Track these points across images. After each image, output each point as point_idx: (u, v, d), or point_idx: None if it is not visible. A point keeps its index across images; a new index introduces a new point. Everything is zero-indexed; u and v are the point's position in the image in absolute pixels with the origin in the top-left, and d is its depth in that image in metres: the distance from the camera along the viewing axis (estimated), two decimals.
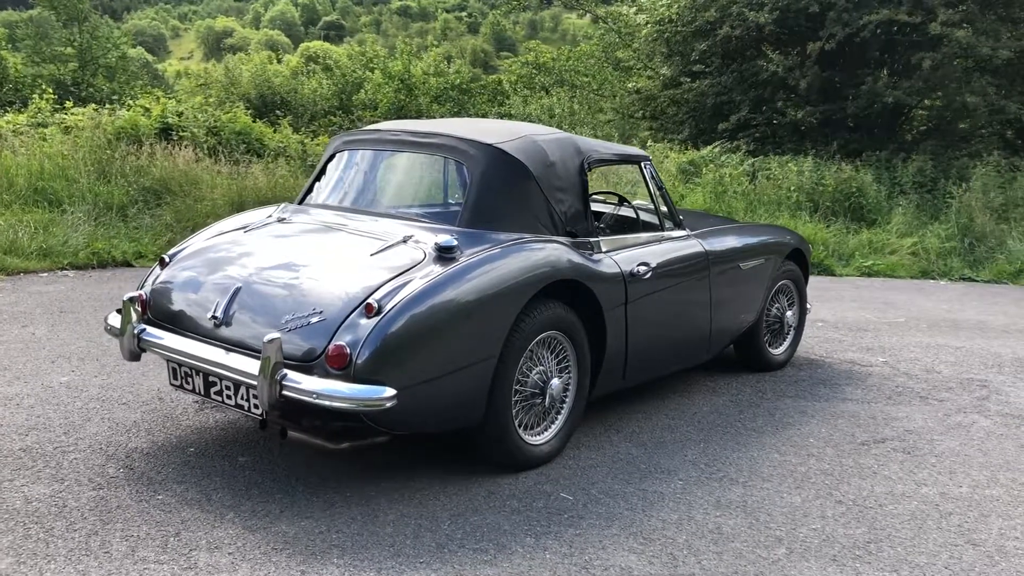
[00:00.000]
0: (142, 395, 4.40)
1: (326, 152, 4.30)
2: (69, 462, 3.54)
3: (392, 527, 3.13)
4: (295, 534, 3.04)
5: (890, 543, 3.23)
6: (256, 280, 3.45)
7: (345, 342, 3.09)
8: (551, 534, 3.15)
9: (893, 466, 4.00)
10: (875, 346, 6.39)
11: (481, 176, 3.74)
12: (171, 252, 3.90)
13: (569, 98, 22.15)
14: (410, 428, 3.32)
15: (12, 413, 4.06)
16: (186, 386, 3.48)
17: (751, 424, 4.50)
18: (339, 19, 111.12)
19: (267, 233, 3.88)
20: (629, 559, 3.00)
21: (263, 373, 3.06)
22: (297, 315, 3.22)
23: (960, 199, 11.41)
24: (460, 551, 2.99)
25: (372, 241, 3.59)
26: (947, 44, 12.12)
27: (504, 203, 3.75)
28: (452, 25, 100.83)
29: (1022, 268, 10.36)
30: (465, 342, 3.33)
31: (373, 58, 27.86)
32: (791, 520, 3.38)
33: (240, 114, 12.12)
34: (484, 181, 3.74)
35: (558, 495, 3.49)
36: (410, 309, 3.17)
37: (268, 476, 3.51)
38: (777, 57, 12.73)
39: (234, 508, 3.21)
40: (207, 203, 9.18)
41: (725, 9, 13.32)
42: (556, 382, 3.72)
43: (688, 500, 3.51)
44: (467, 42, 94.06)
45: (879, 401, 5.01)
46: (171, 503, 3.22)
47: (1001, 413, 4.89)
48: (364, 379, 3.05)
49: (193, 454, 3.70)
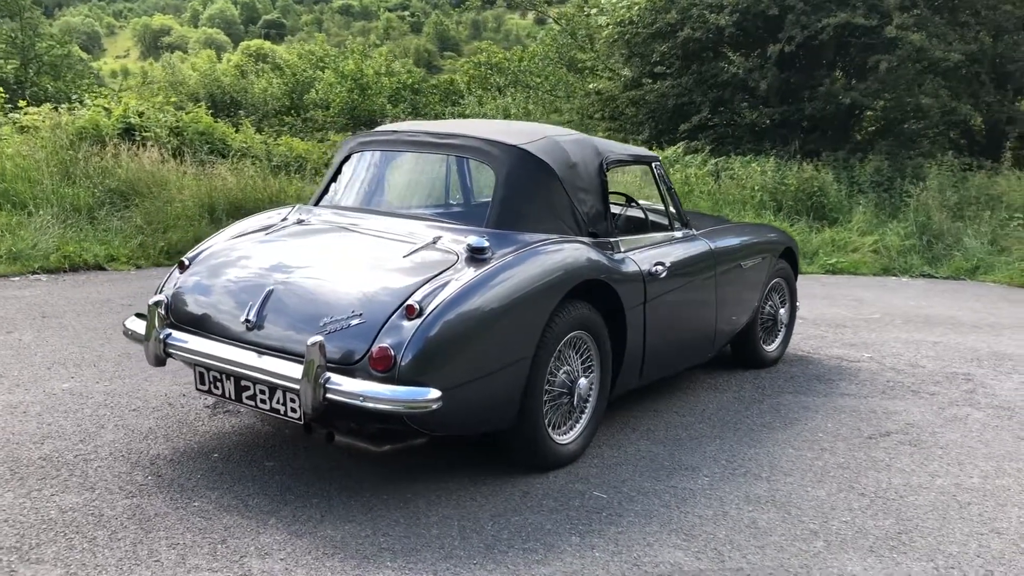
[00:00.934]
0: (150, 400, 4.32)
1: (340, 153, 4.26)
2: (94, 470, 3.45)
3: (437, 529, 3.12)
4: (342, 538, 3.01)
5: (920, 533, 3.31)
6: (288, 282, 3.41)
7: (388, 344, 3.07)
8: (594, 532, 3.17)
9: (904, 459, 4.11)
10: (858, 342, 6.53)
11: (507, 177, 3.75)
12: (190, 255, 3.83)
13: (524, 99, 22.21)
14: (450, 430, 3.31)
15: (21, 422, 3.95)
16: (214, 391, 3.42)
17: (759, 420, 4.58)
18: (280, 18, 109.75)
19: (290, 235, 3.84)
20: (676, 555, 3.04)
21: (307, 376, 3.02)
22: (336, 317, 3.19)
23: (918, 198, 11.73)
24: (510, 552, 2.99)
25: (402, 242, 3.57)
26: (901, 47, 12.44)
27: (530, 204, 3.76)
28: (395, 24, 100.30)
29: (978, 265, 10.69)
30: (502, 343, 3.33)
31: (323, 57, 27.62)
32: (821, 513, 3.44)
33: (202, 114, 11.92)
34: (510, 182, 3.74)
35: (591, 494, 3.51)
36: (451, 310, 3.16)
37: (299, 480, 3.47)
38: (738, 59, 12.92)
39: (274, 513, 3.17)
40: (177, 204, 9.02)
41: (686, 11, 13.48)
42: (583, 382, 3.74)
43: (718, 496, 3.56)
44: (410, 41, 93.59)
45: (874, 396, 5.13)
46: (209, 510, 3.17)
47: (991, 405, 5.04)
48: (408, 381, 3.04)
49: (218, 460, 3.64)
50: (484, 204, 3.87)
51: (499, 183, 3.75)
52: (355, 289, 3.32)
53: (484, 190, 4.14)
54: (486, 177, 3.97)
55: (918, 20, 12.39)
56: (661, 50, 13.93)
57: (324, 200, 4.18)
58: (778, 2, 12.81)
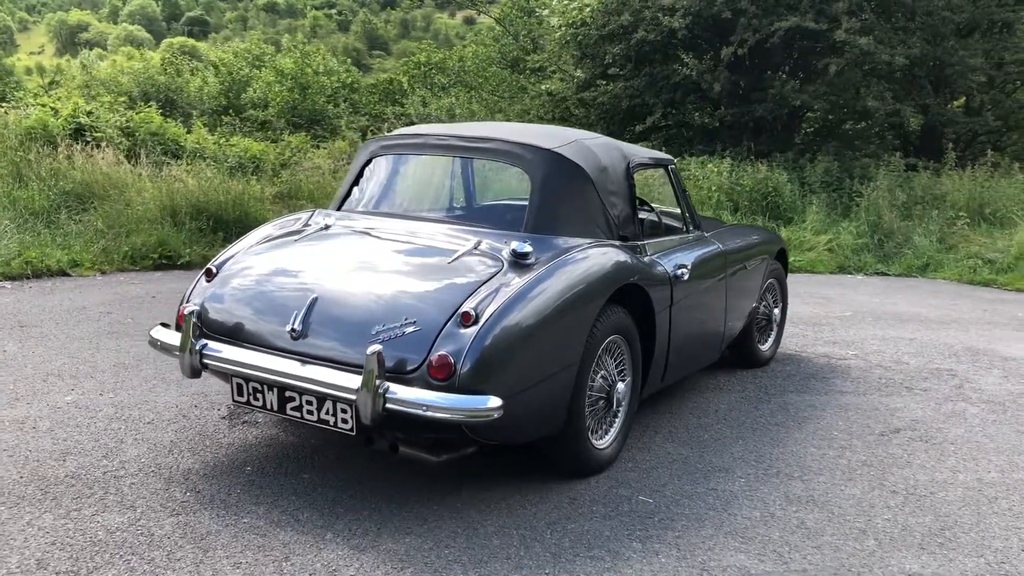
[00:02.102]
0: (163, 413, 4.17)
1: (360, 157, 4.17)
2: (128, 488, 3.32)
3: (497, 539, 3.08)
4: (406, 551, 2.95)
5: (961, 529, 3.39)
6: (333, 290, 3.32)
7: (448, 352, 3.01)
8: (653, 538, 3.17)
9: (920, 455, 4.20)
10: (838, 340, 6.67)
11: (544, 181, 3.72)
12: (217, 262, 3.71)
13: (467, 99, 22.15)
14: (505, 438, 3.27)
15: (34, 437, 3.77)
16: (254, 403, 3.31)
17: (772, 419, 4.63)
18: (203, 15, 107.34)
19: (322, 241, 3.74)
20: (739, 558, 3.05)
21: (366, 386, 2.95)
22: (388, 325, 3.12)
23: (868, 198, 12.05)
24: (577, 560, 2.97)
25: (443, 248, 3.52)
26: (849, 51, 12.76)
27: (566, 208, 3.74)
28: (322, 22, 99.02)
29: (928, 262, 11.02)
30: (554, 349, 3.30)
31: (260, 56, 27.11)
32: (863, 512, 3.50)
33: (153, 114, 11.59)
34: (547, 186, 3.71)
35: (637, 499, 3.51)
36: (505, 317, 3.12)
37: (343, 492, 3.38)
38: (692, 61, 13.08)
39: (328, 528, 3.09)
40: (138, 207, 8.74)
41: (638, 13, 13.60)
42: (621, 386, 3.74)
43: (759, 497, 3.59)
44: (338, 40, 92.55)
45: (871, 393, 5.25)
46: (260, 526, 3.07)
47: (982, 400, 5.19)
48: (466, 389, 2.99)
49: (252, 473, 3.53)
50: (518, 208, 3.83)
51: (535, 187, 3.72)
52: (405, 296, 3.25)
53: (516, 194, 4.10)
54: (519, 181, 3.94)
55: (865, 25, 12.72)
56: (614, 52, 14.02)
57: (346, 204, 4.09)
58: (730, 6, 13.02)
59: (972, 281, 10.39)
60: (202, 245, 8.67)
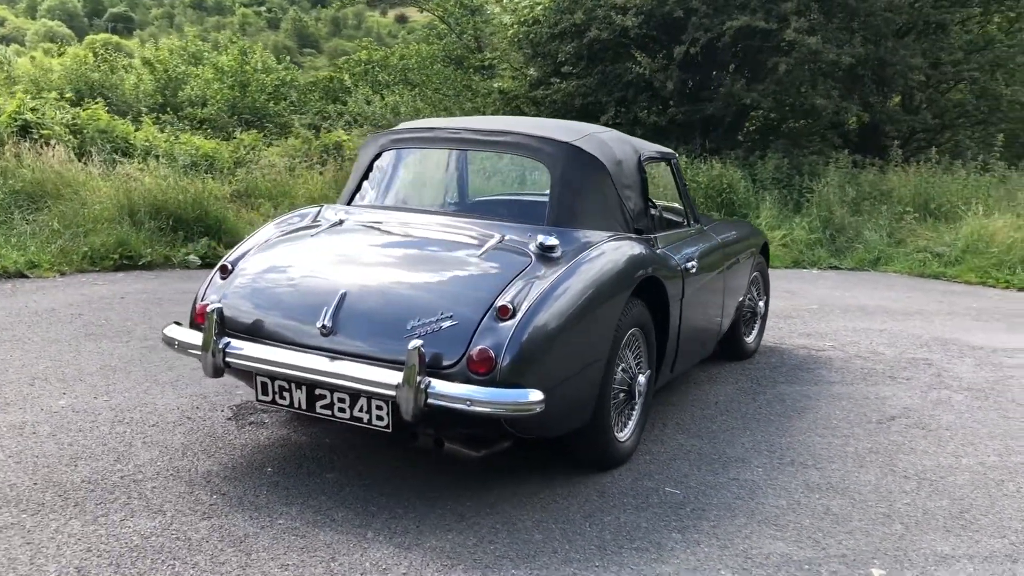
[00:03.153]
0: (165, 415, 4.04)
1: (368, 151, 4.09)
2: (151, 492, 3.20)
3: (539, 534, 3.06)
4: (451, 548, 2.90)
5: (980, 511, 3.48)
6: (362, 285, 3.25)
7: (488, 345, 2.98)
8: (690, 528, 3.18)
9: (921, 441, 4.30)
10: (812, 332, 6.80)
11: (563, 174, 3.71)
12: (231, 259, 3.60)
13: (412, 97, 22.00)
14: (542, 431, 3.24)
15: (38, 443, 3.62)
16: (280, 401, 3.23)
17: (772, 410, 4.70)
18: (127, 11, 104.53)
19: (340, 236, 3.67)
20: (778, 546, 3.08)
21: (408, 382, 2.90)
22: (424, 320, 3.07)
23: (819, 194, 12.33)
24: (623, 552, 2.96)
25: (468, 242, 3.48)
26: (798, 50, 13.02)
27: (585, 201, 3.73)
28: (251, 20, 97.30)
29: (879, 256, 11.32)
30: (585, 342, 3.29)
31: (196, 53, 26.51)
32: (882, 497, 3.57)
33: (100, 111, 11.25)
34: (566, 179, 3.70)
35: (663, 490, 3.52)
36: (542, 310, 3.10)
37: (371, 491, 3.32)
38: (645, 60, 13.20)
39: (367, 527, 3.03)
40: (96, 207, 8.47)
41: (591, 12, 13.67)
42: (642, 379, 3.75)
43: (781, 485, 3.64)
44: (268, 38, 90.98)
45: (858, 382, 5.36)
46: (297, 527, 2.99)
47: (963, 388, 5.34)
48: (506, 383, 2.96)
49: (273, 474, 3.44)
50: (537, 201, 3.81)
51: (555, 181, 3.70)
52: (438, 290, 3.21)
53: (533, 187, 4.08)
54: (536, 174, 3.92)
55: (812, 24, 12.99)
56: (566, 50, 14.07)
57: (357, 199, 4.02)
58: (682, 5, 13.17)
59: (922, 274, 10.70)
60: (163, 245, 8.45)
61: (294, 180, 10.78)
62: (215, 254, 8.52)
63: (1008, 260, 10.51)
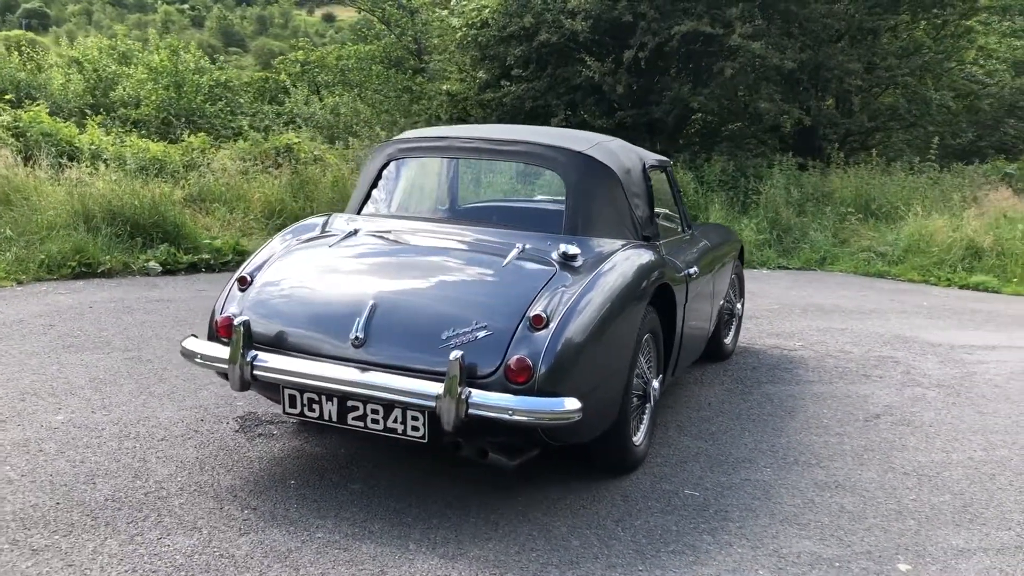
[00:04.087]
0: (171, 429, 3.97)
1: (376, 160, 4.08)
2: (180, 508, 3.15)
3: (576, 540, 3.10)
4: (495, 557, 2.93)
5: (981, 505, 3.64)
6: (391, 296, 3.25)
7: (525, 355, 3.01)
8: (718, 530, 3.26)
9: (910, 438, 4.47)
10: (780, 332, 6.99)
11: (578, 183, 3.76)
12: (250, 270, 3.55)
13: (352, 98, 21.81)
14: (572, 439, 3.28)
15: (47, 461, 3.52)
16: (309, 414, 3.21)
17: (764, 410, 4.82)
18: (42, 7, 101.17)
19: (359, 246, 3.65)
20: (806, 544, 3.18)
21: (449, 393, 2.91)
22: (459, 330, 3.09)
23: (766, 195, 12.64)
24: (661, 555, 3.03)
25: (489, 251, 3.51)
26: (743, 54, 13.32)
27: (599, 209, 3.79)
28: (174, 18, 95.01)
29: (825, 256, 11.66)
30: (612, 349, 3.35)
31: (126, 52, 25.83)
32: (889, 494, 3.70)
33: (42, 114, 10.91)
34: (581, 188, 3.76)
35: (682, 492, 3.60)
36: (573, 318, 3.14)
37: (400, 501, 3.33)
38: (595, 64, 13.35)
39: (406, 538, 3.03)
40: (49, 213, 8.23)
41: (540, 16, 13.76)
42: (656, 383, 3.82)
43: (792, 485, 3.75)
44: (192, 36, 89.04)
45: (835, 381, 5.53)
46: (338, 540, 2.98)
47: (934, 385, 5.56)
48: (544, 392, 3.00)
49: (300, 486, 3.42)
50: (549, 210, 3.86)
51: (570, 189, 3.75)
52: (468, 300, 3.23)
53: (545, 195, 4.12)
54: (548, 183, 3.96)
55: (756, 30, 13.30)
56: (515, 53, 14.14)
57: (366, 208, 4.01)
58: (631, 9, 13.35)
59: (867, 273, 11.06)
60: (121, 251, 8.24)
61: (248, 184, 10.61)
62: (176, 261, 8.37)
63: (948, 259, 10.93)
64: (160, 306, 6.65)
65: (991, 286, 10.20)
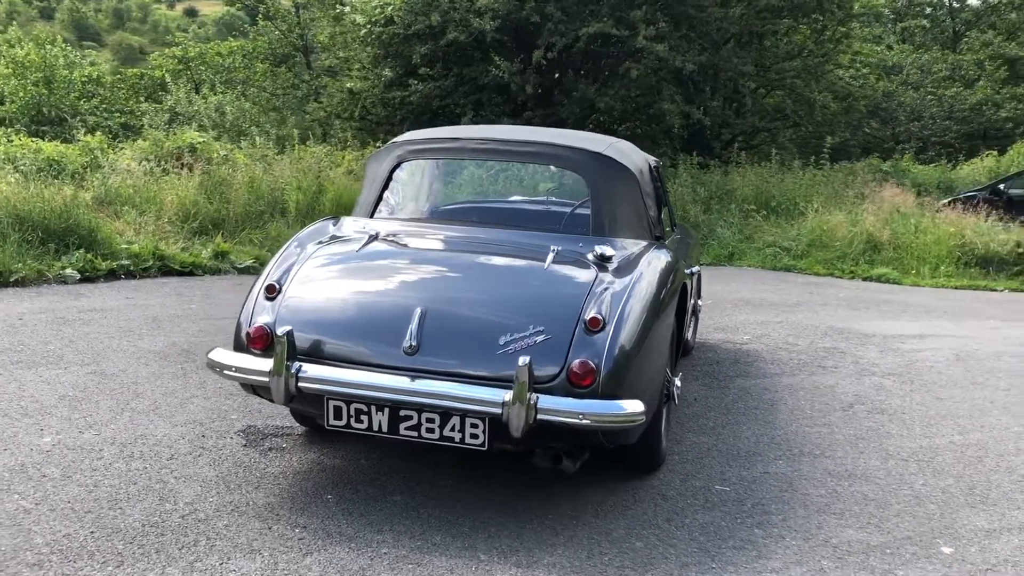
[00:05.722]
0: (175, 447, 3.75)
1: (385, 162, 3.95)
2: (227, 530, 2.98)
3: (638, 541, 3.11)
4: (570, 564, 2.90)
5: (984, 487, 3.84)
6: (439, 302, 3.16)
7: (588, 358, 2.99)
8: (765, 523, 3.33)
9: (890, 426, 4.68)
10: (724, 326, 7.19)
11: (600, 184, 3.76)
12: (277, 278, 3.36)
13: (236, 96, 21.14)
14: (625, 440, 3.27)
15: (58, 487, 3.26)
16: (356, 425, 3.08)
17: (747, 404, 4.95)
18: None
19: (389, 251, 3.53)
20: (850, 533, 3.28)
21: (519, 399, 2.86)
22: (516, 335, 3.04)
23: (674, 193, 12.97)
24: (724, 551, 3.07)
25: (526, 253, 3.47)
26: (647, 56, 13.62)
27: (622, 210, 3.81)
28: (20, 8, 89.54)
29: (733, 252, 12.08)
30: (657, 349, 3.37)
31: None
32: (899, 481, 3.86)
33: None
34: (605, 189, 3.76)
35: (713, 488, 3.66)
36: (626, 320, 3.14)
37: (449, 511, 3.24)
38: (505, 64, 13.38)
39: (472, 548, 2.96)
40: None
41: (447, 14, 13.69)
42: (678, 381, 3.86)
43: (809, 476, 3.86)
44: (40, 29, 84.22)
45: (798, 373, 5.74)
46: (406, 555, 2.88)
47: (885, 373, 5.84)
48: (607, 395, 2.99)
49: (340, 500, 3.29)
50: (576, 211, 3.84)
51: (594, 190, 3.75)
52: (519, 304, 3.18)
53: (556, 196, 4.08)
54: (569, 184, 3.94)
55: (659, 32, 13.62)
56: (421, 52, 14.02)
57: (381, 211, 3.88)
58: (538, 10, 13.44)
59: (775, 267, 11.53)
60: (34, 259, 7.72)
61: (157, 185, 10.13)
62: (94, 268, 7.88)
63: (850, 253, 11.51)
64: (96, 316, 6.27)
65: (892, 277, 10.81)
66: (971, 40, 29.58)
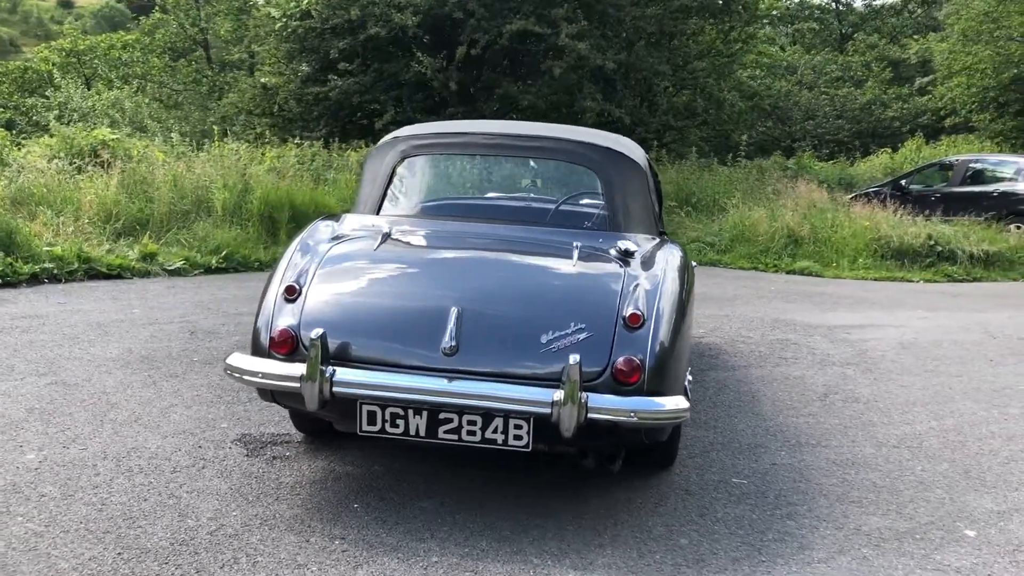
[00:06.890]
0: (173, 459, 3.54)
1: (388, 157, 3.80)
2: (264, 544, 2.82)
3: (683, 538, 3.09)
4: (624, 564, 2.86)
5: (977, 471, 3.97)
6: (474, 300, 3.06)
7: (632, 355, 2.95)
8: (794, 515, 3.35)
9: (871, 415, 4.80)
10: None
11: (614, 180, 3.73)
12: (296, 279, 3.19)
13: (134, 91, 20.31)
14: (661, 437, 3.24)
15: (63, 508, 3.02)
16: (391, 430, 2.96)
17: (727, 397, 5.01)
18: None
19: (408, 249, 3.40)
20: (875, 520, 3.34)
21: (571, 398, 2.80)
22: (558, 333, 2.97)
23: None
24: (769, 545, 3.07)
25: (551, 250, 3.40)
26: (569, 54, 13.69)
27: (634, 205, 3.78)
28: None
29: None
30: (687, 344, 3.36)
31: None
32: (900, 467, 3.96)
33: None
34: (617, 185, 3.72)
35: (731, 481, 3.67)
36: (664, 316, 3.12)
37: (485, 515, 3.15)
38: (427, 60, 13.23)
39: (521, 552, 2.89)
40: None
41: (366, 8, 13.45)
42: (689, 375, 3.86)
43: (815, 466, 3.92)
44: None
45: (765, 365, 5.84)
46: (458, 562, 2.79)
47: (843, 363, 6.00)
48: (652, 391, 2.96)
49: (368, 509, 3.16)
50: (588, 206, 3.79)
51: (608, 186, 3.71)
52: (555, 301, 3.11)
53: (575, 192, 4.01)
54: (579, 180, 3.88)
55: (581, 31, 13.71)
56: (339, 47, 13.73)
57: (387, 208, 3.74)
58: (460, 6, 13.34)
59: (700, 262, 11.70)
60: None
61: (73, 184, 9.60)
62: (16, 272, 7.42)
63: (772, 247, 11.81)
64: (34, 323, 5.88)
65: (815, 270, 11.15)
66: (857, 43, 30.93)
